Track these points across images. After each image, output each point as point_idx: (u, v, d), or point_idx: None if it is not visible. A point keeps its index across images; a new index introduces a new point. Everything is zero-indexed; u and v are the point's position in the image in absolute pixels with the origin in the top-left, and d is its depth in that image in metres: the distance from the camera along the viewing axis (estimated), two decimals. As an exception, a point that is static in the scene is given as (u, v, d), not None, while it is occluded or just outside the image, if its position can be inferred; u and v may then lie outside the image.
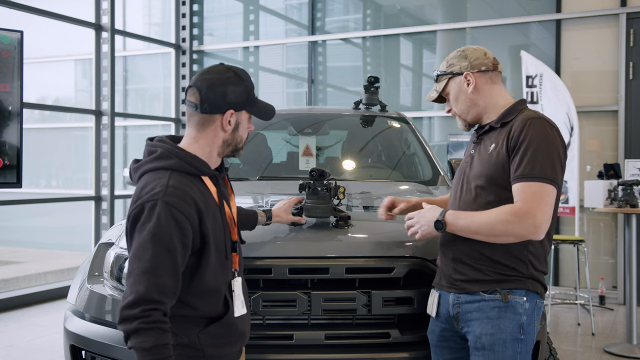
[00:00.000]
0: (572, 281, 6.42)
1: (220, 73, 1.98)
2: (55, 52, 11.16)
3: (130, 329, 1.75)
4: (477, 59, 2.28)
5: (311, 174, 2.59)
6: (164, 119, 9.18)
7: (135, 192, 1.90)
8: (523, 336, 2.12)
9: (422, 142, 4.21)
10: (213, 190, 1.97)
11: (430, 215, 2.18)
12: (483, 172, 2.17)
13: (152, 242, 1.78)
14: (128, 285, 1.80)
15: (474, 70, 2.26)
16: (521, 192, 2.04)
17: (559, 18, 7.24)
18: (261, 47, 9.16)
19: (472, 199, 2.20)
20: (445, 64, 2.34)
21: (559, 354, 4.81)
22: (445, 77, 2.32)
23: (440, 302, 2.27)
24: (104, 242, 3.00)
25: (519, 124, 2.12)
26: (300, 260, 2.48)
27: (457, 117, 2.36)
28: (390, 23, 8.49)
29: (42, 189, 11.59)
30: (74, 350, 2.71)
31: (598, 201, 5.56)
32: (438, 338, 2.31)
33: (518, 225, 2.02)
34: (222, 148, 2.01)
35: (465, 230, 2.11)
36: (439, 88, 2.34)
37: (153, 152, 1.95)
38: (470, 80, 2.26)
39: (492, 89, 2.28)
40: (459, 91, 2.29)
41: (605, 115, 7.06)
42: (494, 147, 2.17)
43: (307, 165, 3.92)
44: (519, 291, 2.12)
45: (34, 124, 11.37)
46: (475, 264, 2.15)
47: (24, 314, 6.23)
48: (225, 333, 1.97)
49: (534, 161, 2.05)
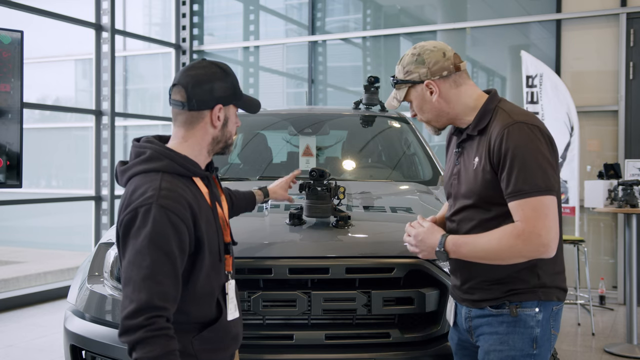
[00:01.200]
0: (572, 281, 6.41)
1: (205, 68, 1.92)
2: (56, 52, 11.16)
3: (134, 339, 1.67)
4: (437, 64, 2.06)
5: (311, 174, 2.60)
6: (164, 119, 9.19)
7: (124, 197, 1.83)
8: (537, 350, 1.99)
9: (422, 142, 4.21)
10: (205, 192, 1.92)
11: (431, 242, 2.05)
12: (473, 190, 2.03)
13: (150, 248, 1.71)
14: (126, 294, 1.71)
15: (435, 77, 2.05)
16: (520, 211, 1.89)
17: (559, 18, 7.24)
18: (261, 47, 9.16)
19: (468, 217, 2.07)
20: (402, 70, 2.11)
21: (559, 354, 4.81)
22: (405, 85, 2.11)
23: (457, 312, 2.19)
24: (104, 242, 2.99)
25: (497, 135, 1.95)
26: (301, 260, 2.47)
27: (426, 124, 2.17)
28: (391, 23, 8.49)
29: (43, 189, 11.59)
30: (74, 350, 2.71)
31: (598, 201, 5.56)
32: (457, 346, 2.24)
33: (525, 248, 1.88)
34: (211, 145, 1.94)
35: (470, 257, 1.99)
36: (399, 97, 2.14)
37: (142, 153, 1.87)
38: (433, 89, 2.06)
39: (458, 93, 2.07)
40: (423, 101, 2.09)
41: (605, 115, 7.06)
42: (478, 161, 2.02)
43: (307, 165, 3.92)
44: (530, 303, 1.99)
45: (34, 124, 11.37)
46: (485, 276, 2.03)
47: (24, 314, 6.23)
48: (218, 338, 1.92)
49: (524, 174, 1.89)
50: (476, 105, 2.07)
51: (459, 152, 2.15)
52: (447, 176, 2.22)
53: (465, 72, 2.11)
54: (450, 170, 2.20)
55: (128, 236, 1.76)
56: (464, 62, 2.13)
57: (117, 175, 1.93)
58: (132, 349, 1.68)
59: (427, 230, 2.08)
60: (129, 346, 1.69)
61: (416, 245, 2.11)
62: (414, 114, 2.17)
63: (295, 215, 2.64)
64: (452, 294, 2.22)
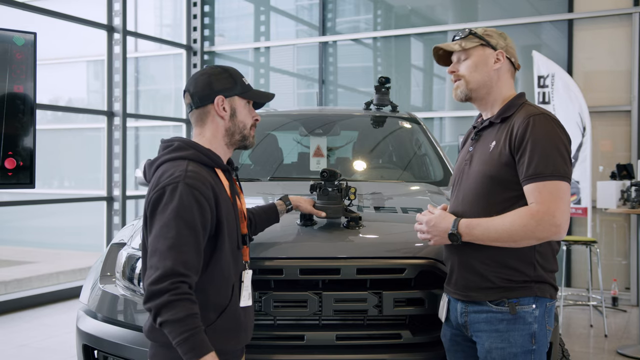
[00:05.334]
0: (584, 282, 6.38)
1: (205, 70, 2.10)
2: (68, 53, 11.24)
3: (159, 303, 1.77)
4: (512, 48, 2.25)
5: (322, 174, 2.59)
6: (175, 119, 9.22)
7: (153, 180, 1.96)
8: (535, 345, 2.06)
9: (433, 143, 4.20)
10: (225, 184, 2.04)
11: (444, 226, 2.11)
12: (485, 171, 2.10)
13: (176, 220, 1.83)
14: (151, 264, 1.83)
15: (507, 54, 2.22)
16: (537, 193, 1.98)
17: (571, 18, 7.20)
18: (272, 47, 9.18)
19: (474, 200, 2.13)
20: (480, 31, 2.23)
21: (572, 355, 4.78)
22: (478, 41, 2.21)
23: (449, 308, 2.24)
24: (116, 242, 3.01)
25: (521, 122, 2.05)
26: (312, 260, 2.47)
27: (458, 83, 2.23)
28: (401, 23, 8.47)
29: (55, 190, 11.67)
30: (86, 350, 2.72)
31: (611, 202, 5.53)
32: (450, 342, 2.28)
33: (538, 228, 1.95)
34: (227, 137, 2.08)
35: (483, 239, 2.05)
36: (465, 45, 2.21)
37: (169, 145, 2.02)
38: (501, 59, 2.20)
39: (508, 80, 2.23)
40: (484, 62, 2.20)
41: (618, 116, 7.01)
42: (495, 144, 2.11)
43: (318, 166, 3.92)
44: (527, 299, 2.06)
45: (47, 124, 11.46)
46: (482, 269, 2.09)
47: (36, 313, 6.27)
48: (229, 326, 1.99)
49: (545, 159, 1.98)
50: (506, 98, 2.20)
51: (475, 139, 2.24)
52: (459, 160, 2.30)
53: (514, 75, 2.29)
54: (462, 155, 2.29)
55: (155, 212, 1.89)
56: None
57: (145, 171, 2.06)
58: (157, 313, 1.78)
59: (439, 215, 2.16)
60: (155, 310, 1.78)
61: (428, 232, 2.17)
62: (453, 70, 2.26)
63: (306, 215, 2.64)
64: (446, 290, 2.26)
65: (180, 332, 1.77)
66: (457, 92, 2.25)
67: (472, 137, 2.27)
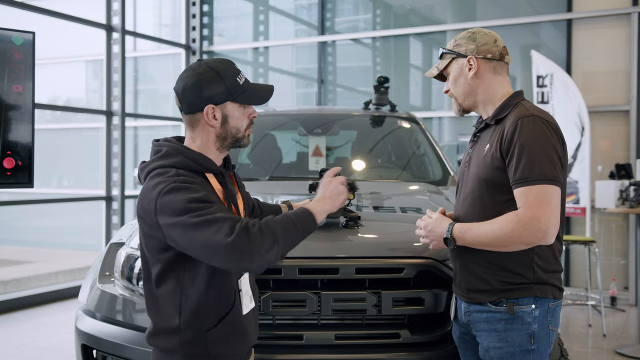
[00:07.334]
0: (583, 282, 6.37)
1: (194, 71, 1.95)
2: (67, 53, 11.24)
3: (259, 239, 1.73)
4: (485, 45, 2.17)
5: (321, 174, 2.59)
6: (174, 119, 9.22)
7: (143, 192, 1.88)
8: (534, 345, 2.05)
9: (432, 142, 4.20)
10: (217, 189, 1.95)
11: (439, 231, 2.14)
12: (479, 174, 2.11)
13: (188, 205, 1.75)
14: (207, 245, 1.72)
15: (479, 55, 2.16)
16: (523, 197, 1.96)
17: (570, 17, 7.20)
18: (271, 47, 9.17)
19: (471, 203, 2.15)
20: (452, 43, 2.24)
21: (570, 355, 4.77)
22: (449, 56, 2.22)
23: (457, 306, 2.26)
24: (115, 242, 3.01)
25: (510, 124, 2.03)
26: (310, 260, 2.47)
27: (453, 100, 2.27)
28: (400, 23, 8.47)
29: (54, 189, 11.67)
30: (85, 349, 2.72)
31: (609, 202, 5.53)
32: (459, 340, 2.31)
33: (525, 233, 1.94)
34: (219, 143, 1.98)
35: (474, 244, 2.06)
36: (440, 66, 2.26)
37: (159, 151, 1.96)
38: (472, 65, 2.16)
39: (493, 79, 2.17)
40: (460, 74, 2.20)
41: (616, 115, 7.02)
42: (489, 147, 2.10)
43: (317, 166, 3.92)
44: (526, 299, 2.05)
45: (46, 124, 11.45)
46: (482, 272, 2.10)
47: (35, 313, 6.27)
48: (230, 331, 1.94)
49: (531, 163, 1.95)
50: (501, 97, 2.17)
51: (474, 140, 2.25)
52: (462, 162, 2.32)
53: (506, 66, 2.22)
54: (464, 157, 2.30)
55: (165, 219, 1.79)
56: (510, 57, 2.23)
57: (139, 173, 2.01)
58: (274, 242, 1.76)
59: (436, 220, 2.18)
60: (265, 251, 1.74)
61: (427, 236, 2.21)
62: (447, 89, 2.27)
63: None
64: (454, 290, 2.29)
65: (293, 225, 1.80)
66: (453, 108, 2.31)
67: (471, 139, 2.28)
